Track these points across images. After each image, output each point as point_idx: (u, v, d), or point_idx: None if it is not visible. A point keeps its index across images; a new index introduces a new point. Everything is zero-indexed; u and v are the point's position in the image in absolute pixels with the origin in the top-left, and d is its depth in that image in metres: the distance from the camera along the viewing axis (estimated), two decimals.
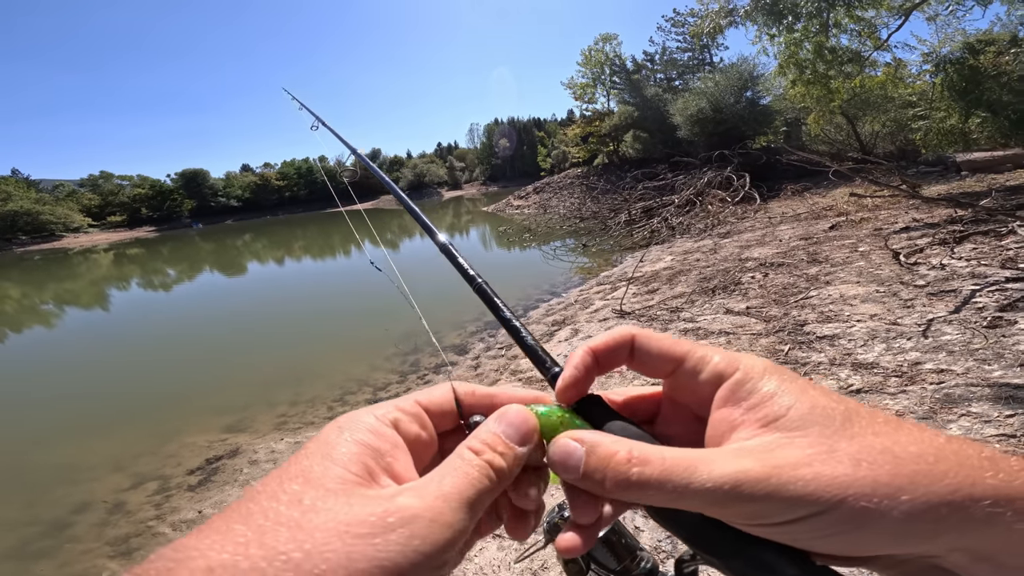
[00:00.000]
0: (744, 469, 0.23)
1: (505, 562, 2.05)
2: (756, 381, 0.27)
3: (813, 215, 8.50)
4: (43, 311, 14.46)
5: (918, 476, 0.22)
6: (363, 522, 0.21)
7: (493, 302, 0.37)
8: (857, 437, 0.24)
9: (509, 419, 0.28)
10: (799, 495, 0.22)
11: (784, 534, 0.23)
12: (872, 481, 0.22)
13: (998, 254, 4.23)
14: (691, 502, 0.24)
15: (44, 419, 5.30)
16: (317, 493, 0.22)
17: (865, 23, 9.61)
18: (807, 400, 0.25)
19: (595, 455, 0.26)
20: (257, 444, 3.96)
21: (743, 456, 0.24)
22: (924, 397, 2.44)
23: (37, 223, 51.15)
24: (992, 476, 0.22)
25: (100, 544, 2.95)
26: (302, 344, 7.06)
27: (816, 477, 0.22)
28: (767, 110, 17.43)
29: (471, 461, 0.26)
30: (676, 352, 0.30)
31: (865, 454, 0.23)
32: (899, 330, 3.17)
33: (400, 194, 0.58)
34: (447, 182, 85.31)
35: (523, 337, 0.35)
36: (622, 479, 0.25)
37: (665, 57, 29.91)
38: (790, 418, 0.25)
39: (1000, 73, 8.97)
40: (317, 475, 0.23)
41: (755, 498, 0.23)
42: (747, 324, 3.94)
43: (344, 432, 0.26)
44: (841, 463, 0.23)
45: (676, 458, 0.25)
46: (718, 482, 0.23)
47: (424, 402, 0.30)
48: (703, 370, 0.29)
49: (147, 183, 64.89)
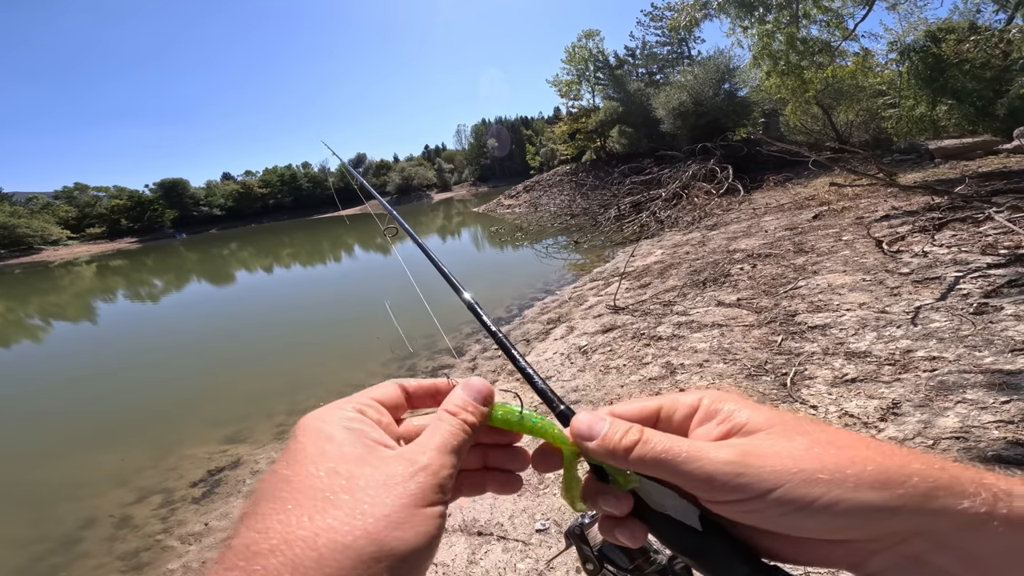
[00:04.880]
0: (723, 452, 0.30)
1: (511, 564, 2.09)
2: (719, 404, 0.34)
3: (796, 205, 8.66)
4: (30, 325, 14.13)
5: (856, 458, 0.27)
6: (394, 475, 0.29)
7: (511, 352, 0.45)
8: (808, 433, 0.30)
9: (472, 386, 0.37)
10: (769, 470, 0.28)
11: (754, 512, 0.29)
12: (821, 458, 0.28)
13: (977, 240, 4.36)
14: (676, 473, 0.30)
15: (41, 435, 5.22)
16: (348, 466, 0.29)
17: (832, 13, 9.84)
18: (763, 412, 0.32)
19: (615, 426, 0.34)
20: (258, 454, 3.95)
21: (722, 446, 0.31)
22: (919, 385, 2.47)
23: (14, 236, 49.82)
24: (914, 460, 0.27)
25: (111, 559, 2.94)
26: (297, 352, 7.02)
27: (778, 455, 0.28)
28: (745, 102, 17.70)
29: (451, 421, 0.34)
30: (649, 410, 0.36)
31: (814, 443, 0.29)
32: (888, 318, 3.25)
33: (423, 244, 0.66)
34: (436, 184, 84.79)
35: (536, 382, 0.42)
36: (629, 444, 0.32)
37: (645, 52, 30.18)
38: (754, 423, 0.31)
39: (962, 61, 9.22)
40: (335, 454, 0.30)
41: (723, 473, 0.29)
42: (739, 316, 4.02)
43: (329, 423, 0.32)
44: (798, 448, 0.29)
45: (674, 440, 0.32)
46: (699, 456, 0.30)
47: (376, 396, 0.37)
48: (676, 411, 0.36)
49: (125, 194, 63.47)
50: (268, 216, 71.92)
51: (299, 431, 0.32)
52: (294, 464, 0.29)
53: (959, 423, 2.16)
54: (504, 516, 2.35)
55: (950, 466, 0.27)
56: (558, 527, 2.22)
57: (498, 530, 2.27)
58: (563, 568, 2.01)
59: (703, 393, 0.35)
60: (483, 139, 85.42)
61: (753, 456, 0.29)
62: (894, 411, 2.34)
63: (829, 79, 11.14)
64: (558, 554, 2.12)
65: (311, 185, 77.07)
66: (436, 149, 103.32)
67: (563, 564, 2.03)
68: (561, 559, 2.05)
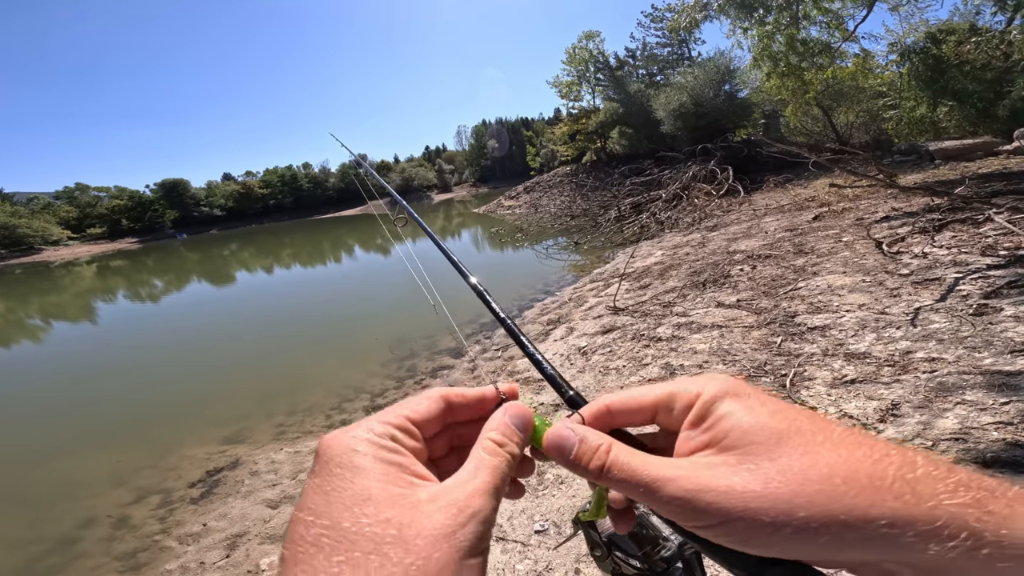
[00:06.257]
0: (674, 475, 0.29)
1: (510, 565, 2.08)
2: (711, 405, 0.32)
3: (796, 206, 8.66)
4: (30, 325, 14.15)
5: (818, 496, 0.26)
6: (444, 524, 0.27)
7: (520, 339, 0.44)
8: (782, 457, 0.28)
9: (515, 412, 0.35)
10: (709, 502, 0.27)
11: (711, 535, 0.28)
12: (774, 498, 0.26)
13: (977, 241, 4.36)
14: (633, 492, 0.30)
15: (39, 435, 5.21)
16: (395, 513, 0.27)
17: (832, 15, 9.85)
18: (749, 420, 0.30)
19: (585, 444, 0.33)
20: (257, 455, 3.94)
21: (680, 467, 0.30)
22: (918, 386, 2.46)
23: (14, 236, 49.92)
24: (895, 499, 0.25)
25: (109, 559, 2.94)
26: (296, 353, 7.02)
27: (727, 491, 0.27)
28: (745, 103, 17.71)
29: (497, 455, 0.32)
30: (649, 401, 0.36)
31: (778, 473, 0.27)
32: (888, 319, 3.24)
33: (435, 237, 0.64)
34: (436, 185, 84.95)
35: (544, 368, 0.41)
36: (596, 468, 0.32)
37: (646, 53, 30.17)
38: (731, 439, 0.30)
39: (963, 62, 9.23)
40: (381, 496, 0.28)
41: (673, 500, 0.28)
42: (738, 317, 4.02)
43: (365, 456, 0.30)
44: (755, 480, 0.27)
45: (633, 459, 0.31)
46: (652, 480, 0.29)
47: (411, 416, 0.34)
48: (674, 405, 0.35)
49: (126, 194, 63.61)
50: (269, 216, 72.03)
51: (328, 459, 0.30)
52: (332, 506, 0.27)
53: (958, 424, 2.15)
54: (503, 517, 2.34)
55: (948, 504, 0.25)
56: (557, 528, 2.21)
57: (497, 531, 2.26)
58: (562, 569, 2.00)
59: (705, 383, 0.34)
60: (483, 140, 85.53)
61: (705, 490, 0.28)
62: (893, 412, 2.34)
63: (829, 80, 11.15)
64: (566, 540, 2.12)
65: (312, 185, 77.20)
66: (437, 150, 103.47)
67: (562, 565, 2.02)
68: (560, 560, 2.05)
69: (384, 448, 0.31)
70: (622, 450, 0.32)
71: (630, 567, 0.51)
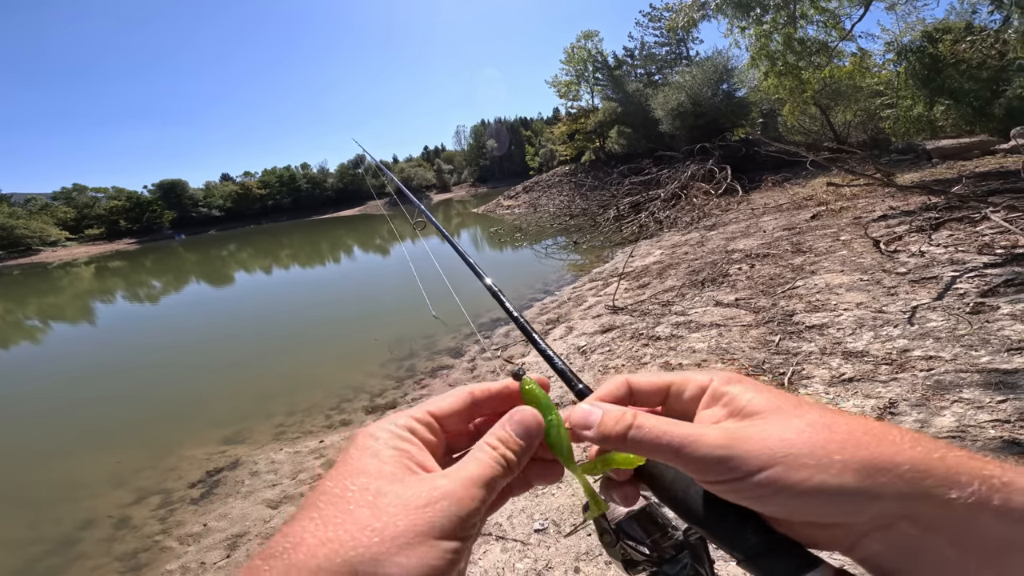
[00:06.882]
0: (713, 435, 0.30)
1: (509, 563, 2.09)
2: (725, 387, 0.34)
3: (794, 205, 8.68)
4: (28, 326, 14.11)
5: (848, 443, 0.28)
6: (417, 498, 0.29)
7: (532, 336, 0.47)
8: (805, 415, 0.30)
9: (518, 420, 0.36)
10: (748, 452, 0.29)
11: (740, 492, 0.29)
12: (811, 443, 0.28)
13: (974, 240, 4.38)
14: (669, 455, 0.31)
15: (39, 436, 5.21)
16: (380, 483, 0.29)
17: (829, 14, 9.87)
18: (765, 395, 0.33)
19: (609, 414, 0.35)
20: (257, 455, 3.95)
21: (713, 429, 0.31)
22: (915, 384, 2.47)
23: (12, 237, 49.77)
24: (911, 448, 0.27)
25: (110, 560, 2.94)
26: (295, 353, 7.02)
27: (764, 439, 0.29)
28: (743, 102, 17.74)
29: (489, 453, 0.33)
30: (663, 383, 0.38)
31: (807, 425, 0.29)
32: (885, 318, 3.26)
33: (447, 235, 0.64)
34: (436, 185, 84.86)
35: (555, 362, 0.43)
36: (622, 430, 0.33)
37: (644, 52, 30.20)
38: (753, 407, 0.32)
39: (959, 61, 9.25)
40: (374, 470, 0.30)
41: (712, 456, 0.29)
42: (737, 316, 4.03)
43: (379, 440, 0.32)
44: (788, 430, 0.29)
45: (666, 423, 0.33)
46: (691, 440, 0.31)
47: (434, 411, 0.36)
48: (686, 390, 0.37)
49: (123, 195, 63.38)
50: (267, 217, 71.85)
51: (352, 444, 0.33)
52: (336, 476, 0.30)
53: (955, 422, 2.16)
54: (503, 516, 2.35)
55: (952, 455, 0.27)
56: (556, 527, 2.22)
57: (496, 530, 2.27)
58: (562, 567, 2.01)
59: (714, 374, 0.36)
60: (482, 140, 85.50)
61: (741, 440, 0.30)
62: (891, 411, 2.35)
63: (827, 79, 11.19)
64: (575, 528, 2.14)
65: (310, 186, 77.04)
66: (435, 150, 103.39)
67: (561, 564, 2.03)
68: (560, 559, 2.06)
69: (399, 438, 0.33)
70: (649, 416, 0.34)
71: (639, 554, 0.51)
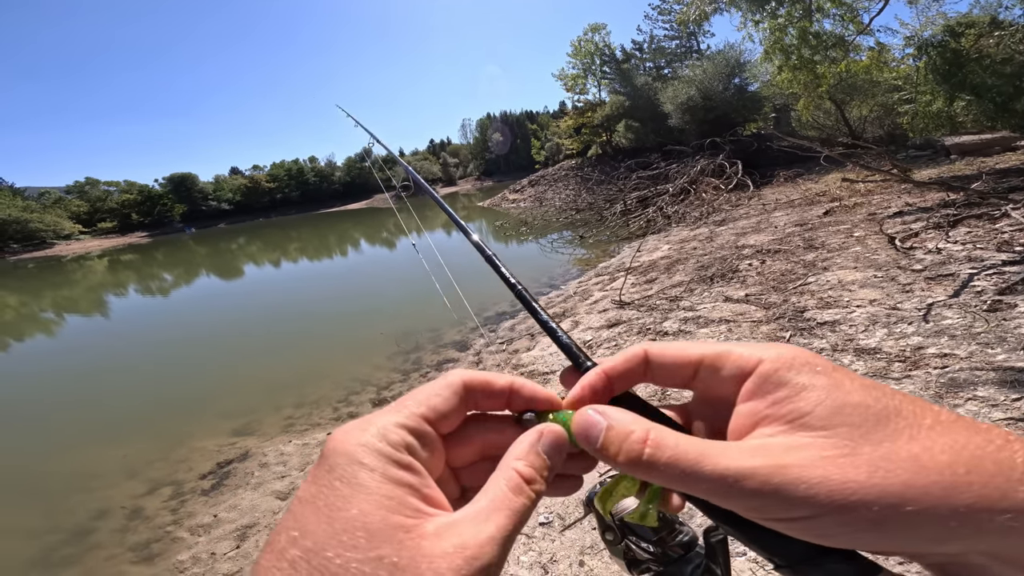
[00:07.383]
0: (753, 466, 0.23)
1: (514, 556, 2.09)
2: (784, 373, 0.26)
3: (807, 201, 8.56)
4: (43, 319, 14.37)
5: (934, 487, 0.21)
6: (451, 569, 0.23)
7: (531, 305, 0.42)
8: (886, 442, 0.23)
9: (551, 442, 0.29)
10: (801, 496, 0.22)
11: (788, 529, 0.24)
12: (880, 490, 0.21)
13: (993, 237, 4.29)
14: (694, 488, 0.25)
15: (53, 428, 5.30)
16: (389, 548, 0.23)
17: (847, 7, 9.66)
18: (839, 396, 0.24)
19: (614, 430, 0.27)
20: (266, 447, 3.99)
21: (757, 453, 0.24)
22: (929, 382, 2.45)
23: (27, 231, 50.63)
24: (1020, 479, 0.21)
25: (123, 550, 2.98)
26: (304, 346, 7.07)
27: (823, 481, 0.22)
28: (755, 96, 17.46)
29: (523, 492, 0.27)
30: (692, 355, 0.30)
31: (885, 461, 0.22)
32: (899, 315, 3.21)
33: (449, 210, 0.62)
34: (441, 179, 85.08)
35: (559, 336, 0.39)
36: (634, 457, 0.26)
37: (653, 46, 29.80)
38: (817, 415, 0.24)
39: (982, 56, 9.03)
40: (375, 526, 0.23)
41: (756, 494, 0.23)
42: (747, 312, 3.99)
43: (372, 473, 0.25)
44: (857, 468, 0.22)
45: (688, 445, 0.25)
46: (723, 474, 0.24)
47: (428, 415, 0.29)
48: (723, 367, 0.29)
49: (135, 188, 64.24)
50: (276, 210, 72.49)
51: (331, 467, 0.25)
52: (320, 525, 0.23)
53: None
54: None
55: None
56: (561, 520, 2.22)
57: None
58: (567, 560, 2.01)
59: (765, 351, 0.27)
60: (488, 133, 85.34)
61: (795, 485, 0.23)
62: None
63: (843, 74, 10.95)
64: (576, 521, 2.13)
65: (318, 179, 77.49)
66: (441, 144, 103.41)
67: (566, 557, 2.03)
68: (564, 552, 2.06)
69: (396, 464, 0.26)
70: (668, 435, 0.26)
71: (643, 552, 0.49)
